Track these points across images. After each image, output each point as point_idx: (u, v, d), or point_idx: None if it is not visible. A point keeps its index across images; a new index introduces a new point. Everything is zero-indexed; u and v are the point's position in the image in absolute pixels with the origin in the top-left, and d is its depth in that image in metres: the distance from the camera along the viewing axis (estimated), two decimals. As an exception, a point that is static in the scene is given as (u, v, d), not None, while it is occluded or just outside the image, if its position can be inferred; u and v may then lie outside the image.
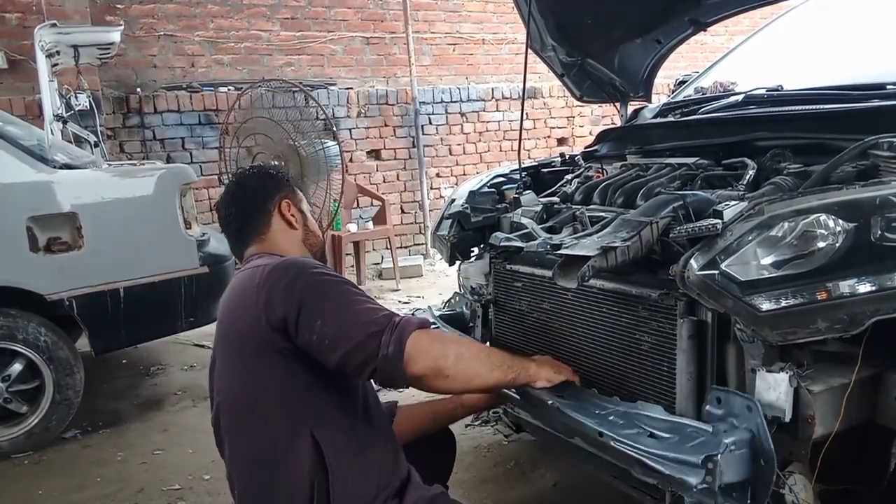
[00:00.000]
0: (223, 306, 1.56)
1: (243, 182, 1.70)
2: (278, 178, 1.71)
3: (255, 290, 1.41)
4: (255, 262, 1.52)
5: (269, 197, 1.66)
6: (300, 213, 1.71)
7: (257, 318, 1.38)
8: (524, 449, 2.71)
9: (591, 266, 1.55)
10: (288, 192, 1.70)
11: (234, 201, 1.66)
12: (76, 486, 2.73)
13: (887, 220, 1.34)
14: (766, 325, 1.35)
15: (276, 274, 1.41)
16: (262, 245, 1.64)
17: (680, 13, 2.70)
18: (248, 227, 1.65)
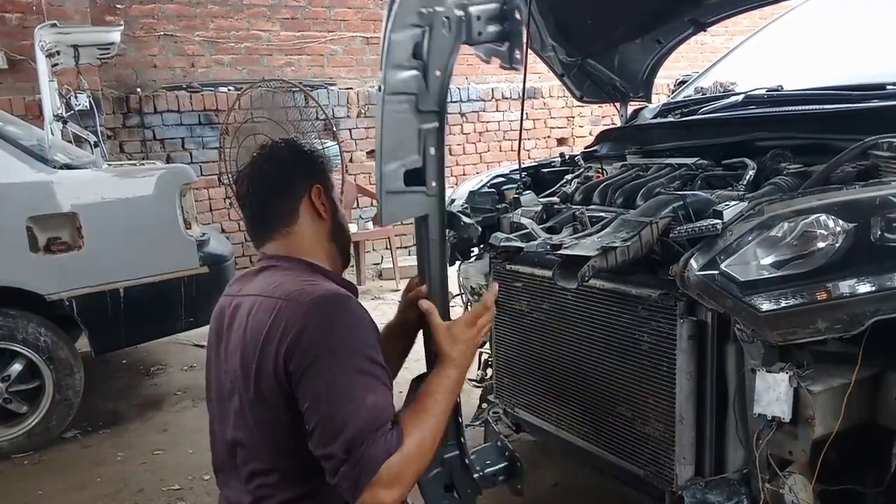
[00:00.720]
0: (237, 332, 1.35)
1: (273, 157, 1.44)
2: (312, 157, 1.47)
3: (280, 333, 1.23)
4: (279, 283, 1.32)
5: (300, 180, 1.42)
6: (331, 203, 1.45)
7: (276, 366, 1.23)
8: (524, 449, 2.70)
9: (591, 266, 1.55)
10: (321, 176, 1.45)
11: (259, 178, 1.42)
12: (76, 486, 2.72)
13: (887, 221, 1.34)
14: (766, 326, 1.35)
15: (308, 321, 1.23)
16: (287, 242, 1.41)
17: (680, 13, 2.70)
18: (271, 213, 1.42)
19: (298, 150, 1.47)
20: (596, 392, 1.85)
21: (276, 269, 1.38)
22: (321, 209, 1.42)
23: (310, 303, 1.25)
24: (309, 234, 1.42)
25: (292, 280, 1.33)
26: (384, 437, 1.19)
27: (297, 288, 1.29)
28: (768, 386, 1.40)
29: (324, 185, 1.44)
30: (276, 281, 1.34)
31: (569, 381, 1.93)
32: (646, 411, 1.70)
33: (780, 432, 1.40)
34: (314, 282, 1.34)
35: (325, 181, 1.46)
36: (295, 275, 1.35)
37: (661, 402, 1.65)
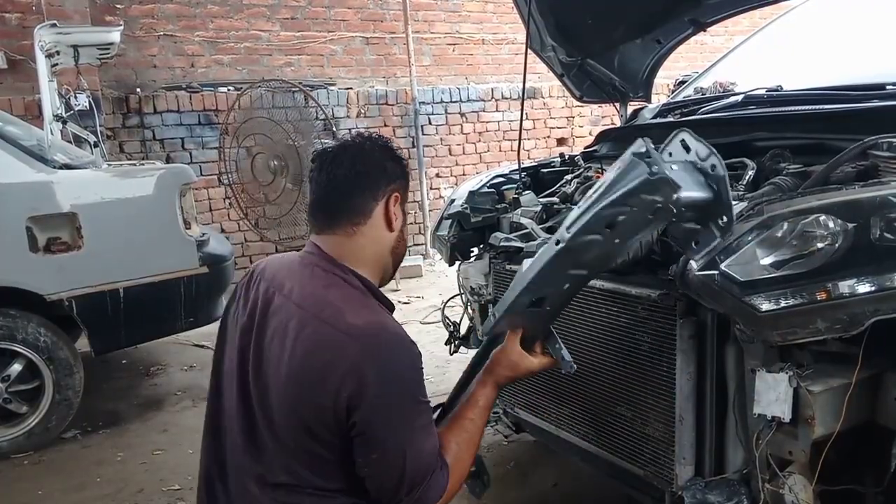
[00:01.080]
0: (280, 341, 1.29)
1: (367, 148, 1.38)
2: (402, 163, 1.42)
3: (343, 372, 1.21)
4: (335, 307, 1.27)
5: (385, 182, 1.37)
6: (402, 215, 1.41)
7: (337, 405, 1.21)
8: (524, 449, 2.71)
9: (591, 266, 1.54)
10: (403, 185, 1.40)
11: (348, 165, 1.34)
12: (76, 486, 2.73)
13: (887, 221, 1.33)
14: (766, 326, 1.35)
15: (376, 366, 1.21)
16: (347, 240, 1.35)
17: (680, 13, 2.70)
18: (345, 205, 1.35)
19: (391, 151, 1.41)
20: (596, 392, 1.85)
21: (324, 273, 1.33)
22: (393, 218, 1.38)
23: (375, 346, 1.23)
24: (374, 239, 1.37)
25: (348, 304, 1.28)
26: (437, 479, 1.29)
27: (357, 322, 1.25)
28: (768, 386, 1.40)
29: (402, 195, 1.41)
30: (329, 298, 1.29)
31: (569, 381, 1.93)
32: (646, 411, 1.70)
33: (780, 432, 1.40)
34: (369, 308, 1.31)
35: (405, 190, 1.42)
36: (346, 295, 1.31)
37: (661, 402, 1.65)
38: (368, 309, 1.30)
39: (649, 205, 1.19)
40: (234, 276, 4.07)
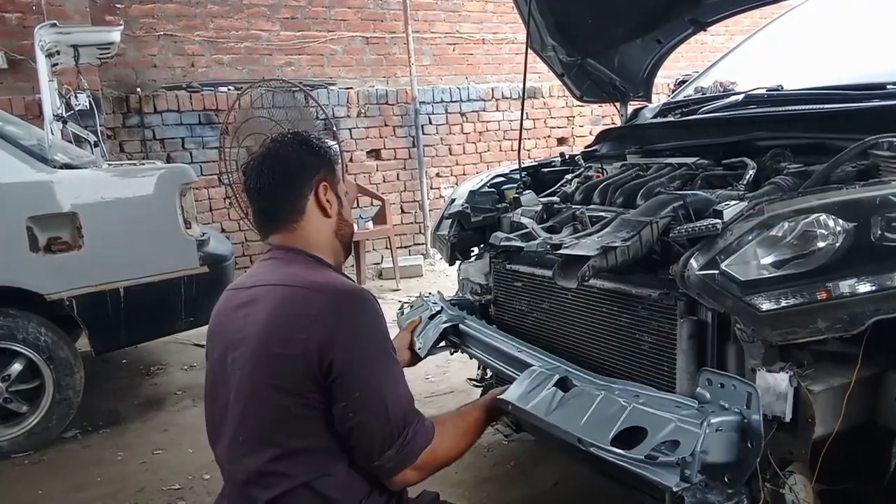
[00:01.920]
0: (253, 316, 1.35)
1: (282, 152, 1.44)
2: (321, 152, 1.47)
3: (310, 321, 1.27)
4: (295, 275, 1.36)
5: (308, 177, 1.43)
6: (336, 199, 1.48)
7: (307, 352, 1.26)
8: (524, 449, 2.71)
9: (591, 266, 1.55)
10: (328, 171, 1.46)
11: (269, 174, 1.41)
12: (76, 486, 2.73)
13: (887, 220, 1.33)
14: (766, 325, 1.35)
15: (342, 313, 1.29)
16: (292, 235, 1.44)
17: (680, 13, 2.70)
18: (278, 209, 1.44)
19: (307, 144, 1.47)
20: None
21: (284, 261, 1.42)
22: (326, 206, 1.45)
23: (338, 295, 1.32)
24: (314, 229, 1.45)
25: (307, 271, 1.38)
26: (423, 426, 1.35)
27: (318, 279, 1.35)
28: (768, 386, 1.40)
29: (330, 181, 1.46)
30: (289, 271, 1.38)
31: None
32: (646, 411, 1.70)
33: (780, 432, 1.40)
34: (330, 274, 1.42)
35: (332, 176, 1.47)
36: (305, 266, 1.40)
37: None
38: (329, 274, 1.41)
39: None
40: (234, 275, 4.08)
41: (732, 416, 1.32)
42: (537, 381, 1.59)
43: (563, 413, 1.50)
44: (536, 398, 1.55)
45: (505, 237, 2.09)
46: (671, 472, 1.26)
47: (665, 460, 1.28)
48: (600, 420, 1.42)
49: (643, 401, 1.42)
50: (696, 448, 1.27)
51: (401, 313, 2.43)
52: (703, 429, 1.29)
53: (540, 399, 1.55)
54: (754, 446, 1.30)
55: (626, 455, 1.32)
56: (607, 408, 1.44)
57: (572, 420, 1.46)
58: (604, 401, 1.46)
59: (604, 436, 1.37)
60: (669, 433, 1.31)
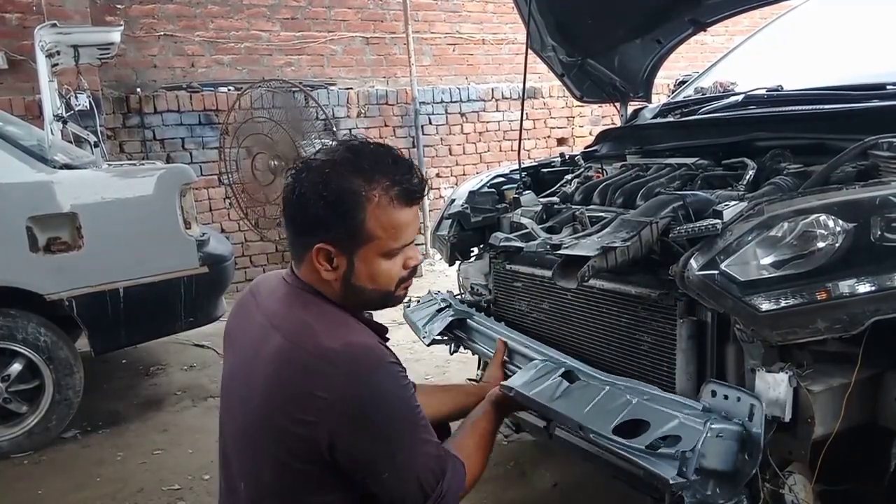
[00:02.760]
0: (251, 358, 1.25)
1: (305, 192, 1.21)
2: (333, 206, 1.19)
3: (323, 405, 1.13)
4: (308, 329, 1.21)
5: (307, 230, 1.24)
6: (347, 265, 1.24)
7: (319, 439, 1.14)
8: (524, 449, 2.71)
9: (591, 266, 1.55)
10: (340, 235, 1.21)
11: (287, 205, 1.26)
12: (76, 486, 2.73)
13: (887, 220, 1.33)
14: (766, 325, 1.35)
15: (361, 399, 1.15)
16: (307, 274, 1.28)
17: (680, 13, 2.70)
18: (293, 244, 1.30)
19: (321, 192, 1.20)
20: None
21: (300, 302, 1.27)
22: (319, 269, 1.24)
23: (354, 373, 1.15)
24: (321, 282, 1.27)
25: (321, 324, 1.22)
26: (455, 471, 1.28)
27: (331, 344, 1.17)
28: (768, 386, 1.40)
29: (335, 246, 1.22)
30: (303, 320, 1.23)
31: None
32: (646, 411, 1.70)
33: (779, 432, 1.40)
34: (347, 327, 1.24)
35: (340, 242, 1.22)
36: (319, 316, 1.24)
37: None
38: (346, 328, 1.23)
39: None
40: (234, 275, 4.08)
41: (734, 426, 1.34)
42: (543, 371, 1.62)
43: (566, 401, 1.52)
44: (541, 386, 1.57)
45: (505, 237, 2.09)
46: (670, 465, 1.28)
47: (665, 452, 1.30)
48: (604, 410, 1.45)
49: (648, 398, 1.44)
50: (698, 445, 1.29)
51: (407, 306, 2.44)
52: (705, 428, 1.31)
53: (544, 387, 1.57)
54: (751, 458, 1.32)
55: (626, 444, 1.34)
56: (612, 400, 1.47)
57: (575, 408, 1.48)
58: (609, 393, 1.49)
59: (605, 424, 1.39)
60: (672, 428, 1.33)
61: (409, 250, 1.29)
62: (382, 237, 1.23)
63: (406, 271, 1.30)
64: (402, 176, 1.23)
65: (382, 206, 1.21)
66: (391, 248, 1.24)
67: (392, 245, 1.24)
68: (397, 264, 1.27)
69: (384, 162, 1.23)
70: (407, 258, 1.29)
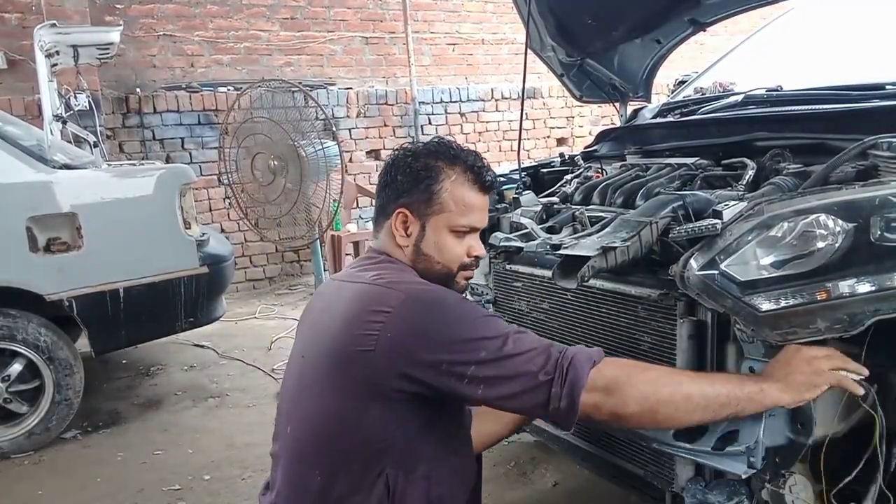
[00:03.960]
0: (323, 311, 1.39)
1: (394, 159, 1.45)
2: (415, 174, 1.40)
3: (381, 328, 1.22)
4: (374, 273, 1.36)
5: (392, 195, 1.43)
6: (420, 232, 1.41)
7: (381, 360, 1.22)
8: (524, 449, 2.71)
9: (591, 266, 1.55)
10: (415, 202, 1.40)
11: (383, 171, 1.47)
12: (76, 486, 2.73)
13: (887, 220, 1.33)
14: (766, 325, 1.35)
15: (413, 320, 1.23)
16: (380, 240, 1.47)
17: (680, 13, 2.70)
18: (376, 210, 1.49)
19: (407, 161, 1.43)
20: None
21: (374, 261, 1.43)
22: (395, 233, 1.42)
23: (414, 291, 1.28)
24: (393, 246, 1.44)
25: (390, 270, 1.38)
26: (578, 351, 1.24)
27: (397, 279, 1.33)
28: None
29: (414, 211, 1.40)
30: (372, 272, 1.37)
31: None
32: (646, 411, 1.70)
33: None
34: (411, 276, 1.38)
35: (419, 205, 1.40)
36: (387, 268, 1.39)
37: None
38: (413, 277, 1.37)
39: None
40: (234, 275, 4.08)
41: None
42: None
43: None
44: None
45: (504, 237, 2.09)
46: (738, 461, 1.31)
47: (733, 450, 1.32)
48: None
49: None
50: (760, 435, 1.31)
51: None
52: (762, 418, 1.32)
53: None
54: (805, 427, 1.34)
55: (694, 449, 1.35)
56: None
57: None
58: None
59: (664, 432, 1.40)
60: (730, 423, 1.34)
61: (474, 239, 1.45)
62: (453, 210, 1.40)
63: (469, 259, 1.44)
64: (479, 166, 1.44)
65: (458, 183, 1.41)
66: (459, 223, 1.41)
67: (460, 220, 1.41)
68: (462, 245, 1.43)
69: (466, 153, 1.45)
70: (471, 246, 1.44)
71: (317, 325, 1.41)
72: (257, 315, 5.15)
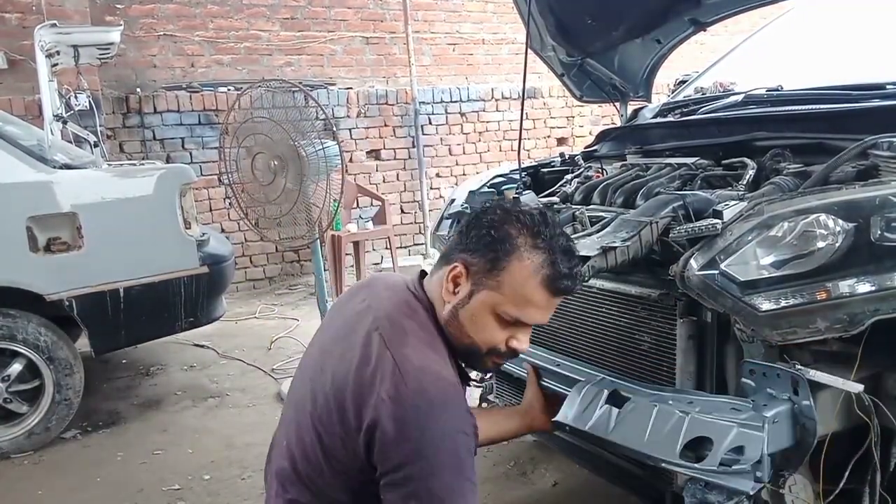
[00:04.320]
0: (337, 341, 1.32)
1: (485, 214, 1.31)
2: (484, 240, 1.27)
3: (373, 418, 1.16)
4: (399, 333, 1.25)
5: (457, 248, 1.32)
6: (467, 297, 1.28)
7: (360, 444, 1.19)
8: (524, 449, 2.71)
9: (591, 266, 1.55)
10: (478, 265, 1.27)
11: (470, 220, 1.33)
12: (76, 486, 2.72)
13: (887, 220, 1.33)
14: (766, 325, 1.35)
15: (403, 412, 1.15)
16: (434, 279, 1.36)
17: (680, 13, 2.70)
18: (443, 254, 1.37)
19: (492, 223, 1.28)
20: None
21: (412, 301, 1.32)
22: (447, 286, 1.30)
23: (415, 388, 1.16)
24: (439, 296, 1.32)
25: (418, 335, 1.25)
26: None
27: (417, 360, 1.20)
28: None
29: (471, 273, 1.27)
30: (402, 324, 1.27)
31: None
32: (646, 411, 1.69)
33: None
34: (433, 357, 1.24)
35: (480, 274, 1.26)
36: (421, 327, 1.28)
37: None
38: (435, 353, 1.25)
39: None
40: (234, 275, 4.08)
41: (784, 406, 1.35)
42: (589, 397, 1.55)
43: (623, 430, 1.47)
44: (593, 416, 1.52)
45: (505, 237, 2.09)
46: (745, 478, 1.30)
47: (739, 468, 1.31)
48: (662, 433, 1.40)
49: (699, 408, 1.41)
50: (764, 450, 1.30)
51: None
52: (765, 431, 1.31)
53: (597, 417, 1.52)
54: (808, 429, 1.33)
55: (699, 468, 1.33)
56: (666, 420, 1.42)
57: (635, 437, 1.44)
58: (660, 413, 1.43)
59: (671, 450, 1.37)
60: (734, 439, 1.32)
61: (521, 332, 1.31)
62: (507, 295, 1.26)
63: (505, 348, 1.31)
64: (563, 265, 1.26)
65: (527, 272, 1.25)
66: (508, 311, 1.26)
67: (510, 310, 1.26)
68: (503, 332, 1.29)
69: (559, 245, 1.27)
70: (514, 337, 1.30)
71: (326, 356, 1.33)
72: (257, 315, 5.15)
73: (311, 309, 4.83)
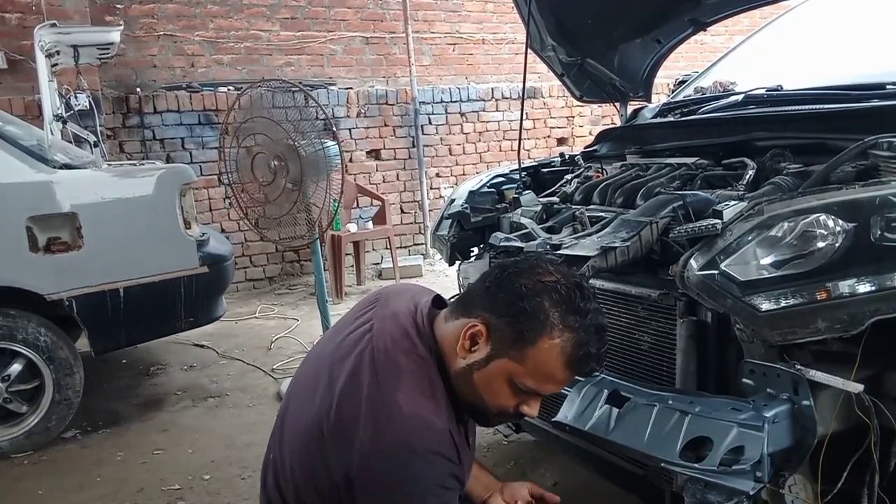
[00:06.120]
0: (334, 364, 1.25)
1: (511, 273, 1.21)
2: (519, 303, 1.15)
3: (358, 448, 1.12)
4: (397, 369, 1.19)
5: (480, 307, 1.20)
6: (484, 362, 1.18)
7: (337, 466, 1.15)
8: (524, 449, 2.71)
9: (591, 266, 1.55)
10: (501, 332, 1.16)
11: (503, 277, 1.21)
12: (76, 486, 2.72)
13: (887, 220, 1.33)
14: (766, 325, 1.35)
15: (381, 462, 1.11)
16: (449, 320, 1.25)
17: (680, 13, 2.70)
18: (466, 302, 1.24)
19: (524, 293, 1.16)
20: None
21: (418, 336, 1.24)
22: (462, 342, 1.19)
23: (398, 437, 1.11)
24: (451, 347, 1.23)
25: (413, 377, 1.19)
26: None
27: (406, 406, 1.14)
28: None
29: (491, 336, 1.17)
30: (399, 359, 1.21)
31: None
32: (646, 411, 1.69)
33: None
34: (424, 403, 1.17)
35: (499, 337, 1.17)
36: (418, 368, 1.20)
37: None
38: (431, 401, 1.18)
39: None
40: (234, 275, 4.08)
41: (784, 406, 1.35)
42: (588, 397, 1.55)
43: (623, 430, 1.47)
44: (593, 416, 1.52)
45: (505, 237, 2.09)
46: (745, 478, 1.30)
47: (738, 469, 1.31)
48: (662, 433, 1.40)
49: (699, 408, 1.41)
50: (764, 450, 1.30)
51: None
52: (765, 431, 1.31)
53: (597, 417, 1.51)
54: (808, 429, 1.34)
55: (699, 468, 1.33)
56: (666, 420, 1.42)
57: (635, 437, 1.44)
58: (660, 413, 1.43)
59: (671, 450, 1.36)
60: (734, 439, 1.32)
61: (533, 400, 1.23)
62: (529, 370, 1.17)
63: (514, 412, 1.24)
64: (593, 346, 1.17)
65: (556, 352, 1.15)
66: (525, 384, 1.18)
67: (528, 382, 1.18)
68: (515, 399, 1.22)
69: (592, 324, 1.17)
70: (526, 404, 1.23)
71: (318, 380, 1.27)
72: (257, 315, 5.15)
73: (311, 309, 4.83)
